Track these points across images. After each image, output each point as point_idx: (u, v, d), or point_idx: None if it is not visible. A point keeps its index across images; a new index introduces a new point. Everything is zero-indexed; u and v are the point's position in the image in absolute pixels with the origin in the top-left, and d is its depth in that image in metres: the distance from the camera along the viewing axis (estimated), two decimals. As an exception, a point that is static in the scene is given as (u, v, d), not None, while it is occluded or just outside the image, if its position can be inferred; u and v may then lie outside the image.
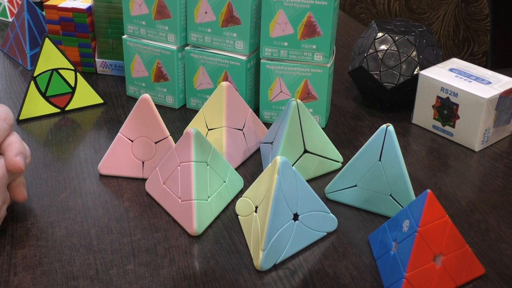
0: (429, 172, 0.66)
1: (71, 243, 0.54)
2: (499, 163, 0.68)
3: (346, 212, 0.59)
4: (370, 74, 0.75)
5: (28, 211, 0.58)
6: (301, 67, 0.70)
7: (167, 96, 0.77)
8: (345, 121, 0.76)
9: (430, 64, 0.75)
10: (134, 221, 0.57)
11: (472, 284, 0.51)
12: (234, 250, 0.54)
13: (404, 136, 0.73)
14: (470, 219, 0.59)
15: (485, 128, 0.68)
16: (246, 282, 0.50)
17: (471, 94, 0.68)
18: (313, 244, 0.55)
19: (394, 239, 0.50)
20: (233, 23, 0.70)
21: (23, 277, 0.50)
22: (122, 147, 0.62)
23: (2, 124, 0.55)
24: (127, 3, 0.74)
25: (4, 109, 0.56)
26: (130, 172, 0.63)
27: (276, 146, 0.62)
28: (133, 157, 0.62)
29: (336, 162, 0.65)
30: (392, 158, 0.56)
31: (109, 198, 0.60)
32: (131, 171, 0.63)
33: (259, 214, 0.53)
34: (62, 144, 0.69)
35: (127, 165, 0.63)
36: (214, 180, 0.58)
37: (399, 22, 0.79)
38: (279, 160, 0.51)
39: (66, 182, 0.62)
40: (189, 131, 0.55)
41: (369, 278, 0.51)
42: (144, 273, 0.51)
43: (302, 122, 0.61)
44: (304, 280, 0.51)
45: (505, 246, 0.55)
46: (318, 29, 0.68)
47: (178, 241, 0.55)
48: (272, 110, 0.74)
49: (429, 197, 0.47)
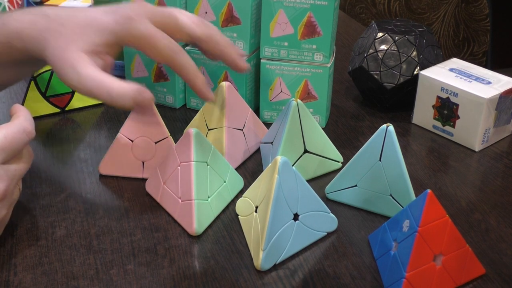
0: (429, 172, 0.66)
1: (71, 243, 0.54)
2: (499, 163, 0.68)
3: (346, 212, 0.59)
4: (370, 74, 0.75)
5: (28, 211, 0.58)
6: (301, 67, 0.70)
7: (167, 96, 0.77)
8: (345, 121, 0.76)
9: (430, 64, 0.75)
10: (134, 221, 0.57)
11: (472, 284, 0.51)
12: (234, 250, 0.54)
13: (404, 136, 0.73)
14: (470, 219, 0.59)
15: (485, 128, 0.69)
16: (246, 282, 0.50)
17: (471, 94, 0.68)
18: (313, 244, 0.55)
19: (394, 239, 0.50)
20: (233, 23, 0.70)
21: (23, 277, 0.50)
22: (122, 147, 0.62)
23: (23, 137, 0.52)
24: (127, 3, 0.74)
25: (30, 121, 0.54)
26: (130, 172, 0.63)
27: (276, 146, 0.62)
28: (133, 157, 0.62)
29: (336, 162, 0.65)
30: (392, 158, 0.56)
31: (109, 198, 0.60)
32: (131, 171, 0.63)
33: (259, 214, 0.53)
34: (62, 144, 0.69)
35: (127, 165, 0.63)
36: (214, 180, 0.58)
37: (399, 22, 0.79)
38: (279, 160, 0.51)
39: (66, 182, 0.62)
40: (189, 131, 0.55)
41: (369, 278, 0.51)
42: (144, 273, 0.51)
43: (302, 122, 0.61)
44: (304, 280, 0.51)
45: (505, 246, 0.55)
46: (318, 29, 0.68)
47: (178, 241, 0.55)
48: (272, 110, 0.74)
49: (429, 197, 0.47)
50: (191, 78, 0.59)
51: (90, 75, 0.55)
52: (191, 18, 0.61)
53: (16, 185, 0.53)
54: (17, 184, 0.53)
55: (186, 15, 0.61)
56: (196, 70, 0.59)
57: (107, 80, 0.55)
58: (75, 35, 0.57)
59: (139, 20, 0.57)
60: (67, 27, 0.57)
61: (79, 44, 0.56)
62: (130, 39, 0.57)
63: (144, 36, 0.57)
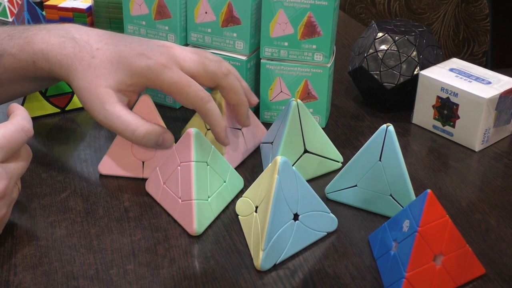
0: (429, 172, 0.66)
1: (71, 243, 0.54)
2: (499, 163, 0.68)
3: (346, 212, 0.59)
4: (370, 74, 0.75)
5: (28, 211, 0.58)
6: (301, 67, 0.70)
7: (167, 96, 0.77)
8: (345, 121, 0.76)
9: (430, 64, 0.75)
10: (134, 221, 0.57)
11: (472, 284, 0.51)
12: (234, 250, 0.54)
13: (404, 136, 0.73)
14: (470, 219, 0.59)
15: (485, 128, 0.69)
16: (246, 282, 0.50)
17: (471, 94, 0.68)
18: (313, 244, 0.55)
19: (394, 239, 0.50)
20: (233, 23, 0.70)
21: (23, 277, 0.50)
22: (122, 147, 0.62)
23: (22, 135, 0.52)
24: (127, 3, 0.74)
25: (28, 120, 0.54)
26: (130, 172, 0.63)
27: (276, 146, 0.62)
28: (133, 157, 0.62)
29: (336, 162, 0.65)
30: (392, 158, 0.56)
31: (109, 198, 0.60)
32: (131, 171, 0.63)
33: (259, 214, 0.53)
34: (62, 144, 0.69)
35: (127, 165, 0.62)
36: (214, 180, 0.58)
37: (399, 22, 0.79)
38: (279, 160, 0.51)
39: (66, 182, 0.62)
40: (189, 131, 0.55)
41: (369, 278, 0.51)
42: (144, 273, 0.51)
43: (302, 122, 0.61)
44: (304, 280, 0.51)
45: (505, 246, 0.55)
46: (318, 29, 0.68)
47: (178, 241, 0.55)
48: (272, 110, 0.74)
49: (429, 197, 0.47)
50: (215, 125, 0.61)
51: (117, 114, 0.57)
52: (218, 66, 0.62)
53: (15, 184, 0.53)
54: (16, 183, 0.53)
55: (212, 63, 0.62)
56: (220, 117, 0.61)
57: (133, 122, 0.57)
58: (105, 70, 0.58)
59: (170, 67, 0.58)
60: (97, 59, 0.58)
61: (108, 81, 0.58)
62: (161, 84, 0.59)
63: (175, 84, 0.58)
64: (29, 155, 0.54)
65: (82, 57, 0.59)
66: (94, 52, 0.59)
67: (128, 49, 0.59)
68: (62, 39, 0.60)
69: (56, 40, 0.60)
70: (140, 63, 0.58)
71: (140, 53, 0.59)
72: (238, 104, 0.63)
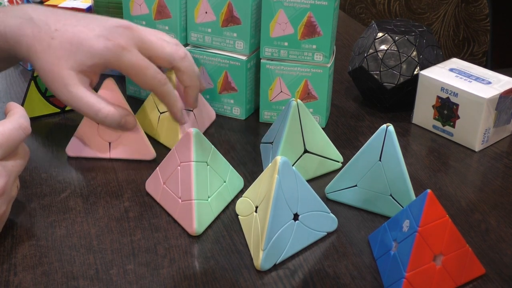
0: (429, 172, 0.66)
1: (71, 243, 0.54)
2: (499, 163, 0.68)
3: (346, 212, 0.59)
4: (370, 74, 0.75)
5: (28, 211, 0.58)
6: (301, 67, 0.70)
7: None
8: (345, 121, 0.76)
9: (430, 64, 0.75)
10: (134, 221, 0.57)
11: (472, 284, 0.51)
12: (234, 250, 0.54)
13: (404, 136, 0.73)
14: (470, 219, 0.59)
15: (485, 128, 0.69)
16: (246, 282, 0.50)
17: (471, 94, 0.68)
18: (313, 244, 0.55)
19: (394, 239, 0.50)
20: (233, 23, 0.70)
21: (23, 277, 0.50)
22: (89, 128, 0.64)
23: (20, 133, 0.53)
24: (127, 3, 0.74)
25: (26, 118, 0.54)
26: (97, 153, 0.65)
27: (276, 146, 0.62)
28: (99, 138, 0.64)
29: (336, 162, 0.65)
30: (392, 158, 0.56)
31: (109, 198, 0.60)
32: (98, 152, 0.65)
33: (259, 214, 0.53)
34: (62, 144, 0.69)
35: (94, 146, 0.65)
36: (214, 180, 0.58)
37: (399, 22, 0.79)
38: (279, 160, 0.51)
39: (66, 182, 0.62)
40: (189, 131, 0.55)
41: (369, 278, 0.51)
42: (144, 273, 0.51)
43: (302, 122, 0.61)
44: (304, 280, 0.51)
45: (505, 246, 0.55)
46: (318, 29, 0.68)
47: (178, 241, 0.55)
48: (272, 110, 0.74)
49: (429, 197, 0.47)
50: (173, 105, 0.64)
51: (80, 95, 0.60)
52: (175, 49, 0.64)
53: (14, 182, 0.53)
54: (15, 181, 0.53)
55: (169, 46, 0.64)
56: (177, 98, 0.64)
57: (96, 103, 0.60)
58: (65, 51, 0.59)
59: (129, 49, 0.60)
60: (56, 40, 0.60)
61: (69, 63, 0.59)
62: (120, 66, 0.61)
63: (133, 66, 0.61)
64: (26, 153, 0.55)
65: (41, 37, 0.60)
66: (53, 33, 0.60)
67: (87, 29, 0.60)
68: (20, 20, 0.60)
69: (14, 21, 0.60)
70: (99, 45, 0.59)
71: (99, 34, 0.60)
72: (190, 86, 0.65)
